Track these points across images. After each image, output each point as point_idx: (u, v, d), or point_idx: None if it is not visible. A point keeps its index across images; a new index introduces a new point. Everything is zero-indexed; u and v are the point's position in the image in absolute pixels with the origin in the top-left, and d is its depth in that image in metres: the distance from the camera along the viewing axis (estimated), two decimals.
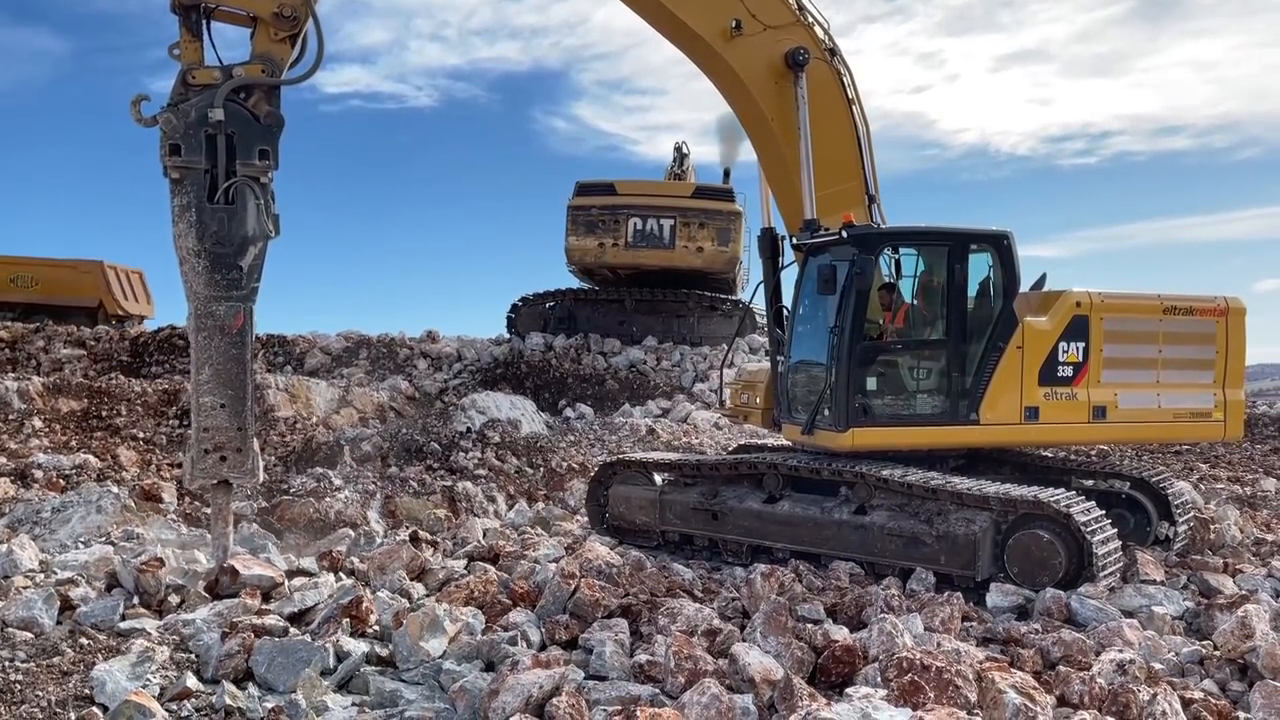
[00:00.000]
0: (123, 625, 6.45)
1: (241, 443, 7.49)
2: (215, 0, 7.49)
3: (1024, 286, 9.10)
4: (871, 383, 8.69)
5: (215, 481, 7.58)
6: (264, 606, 6.69)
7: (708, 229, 23.66)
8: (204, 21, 7.53)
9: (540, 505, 11.80)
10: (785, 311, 9.93)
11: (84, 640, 6.10)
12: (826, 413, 8.71)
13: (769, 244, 10.11)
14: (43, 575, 7.48)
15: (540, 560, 8.05)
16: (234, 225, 7.38)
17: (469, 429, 15.95)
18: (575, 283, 27.43)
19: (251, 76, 7.49)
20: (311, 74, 7.77)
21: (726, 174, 27.87)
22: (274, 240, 7.63)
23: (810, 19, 9.85)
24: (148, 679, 5.39)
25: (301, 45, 7.78)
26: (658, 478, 9.86)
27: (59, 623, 6.45)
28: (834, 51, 9.92)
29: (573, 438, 16.93)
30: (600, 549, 7.90)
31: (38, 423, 15.32)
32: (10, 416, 15.51)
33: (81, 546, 8.58)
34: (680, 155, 28.25)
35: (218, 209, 7.35)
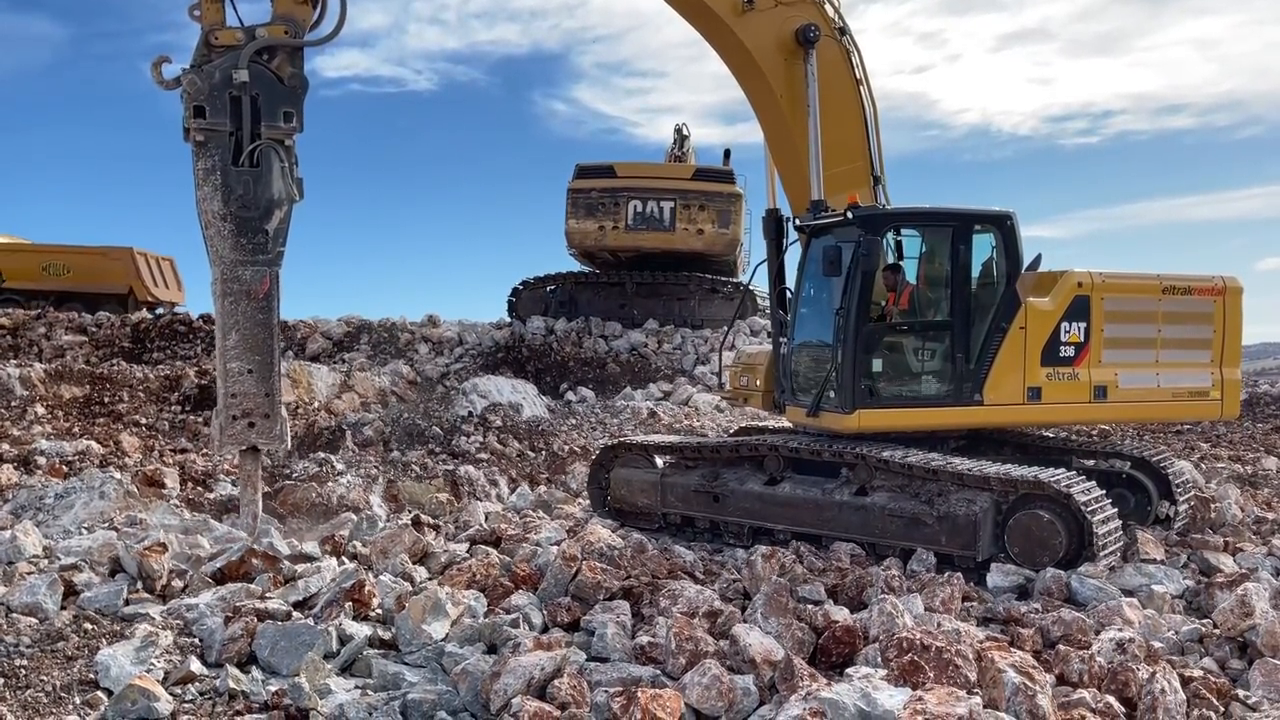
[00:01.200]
0: (126, 610, 6.49)
1: (270, 408, 7.41)
2: None
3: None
4: (877, 364, 8.69)
5: (243, 448, 7.51)
6: (267, 592, 6.72)
7: (708, 211, 23.56)
8: None
9: (542, 489, 11.83)
10: (788, 293, 9.91)
11: (88, 625, 6.13)
12: (832, 394, 8.71)
13: (773, 225, 10.08)
14: (46, 561, 7.50)
15: (542, 543, 8.08)
16: (259, 188, 7.27)
17: (470, 413, 15.96)
18: (576, 266, 27.36)
19: (275, 37, 7.37)
20: (335, 35, 7.64)
21: (727, 155, 27.74)
22: (297, 204, 7.54)
23: None
24: (152, 663, 5.42)
25: (322, 7, 7.71)
26: (659, 460, 9.87)
27: (63, 608, 6.48)
28: (844, 30, 9.87)
29: (574, 421, 16.95)
30: (602, 531, 7.92)
31: (40, 409, 15.34)
32: (13, 403, 15.53)
33: (84, 532, 8.60)
34: (680, 137, 28.11)
35: (243, 172, 7.24)
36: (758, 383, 10.30)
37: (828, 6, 9.80)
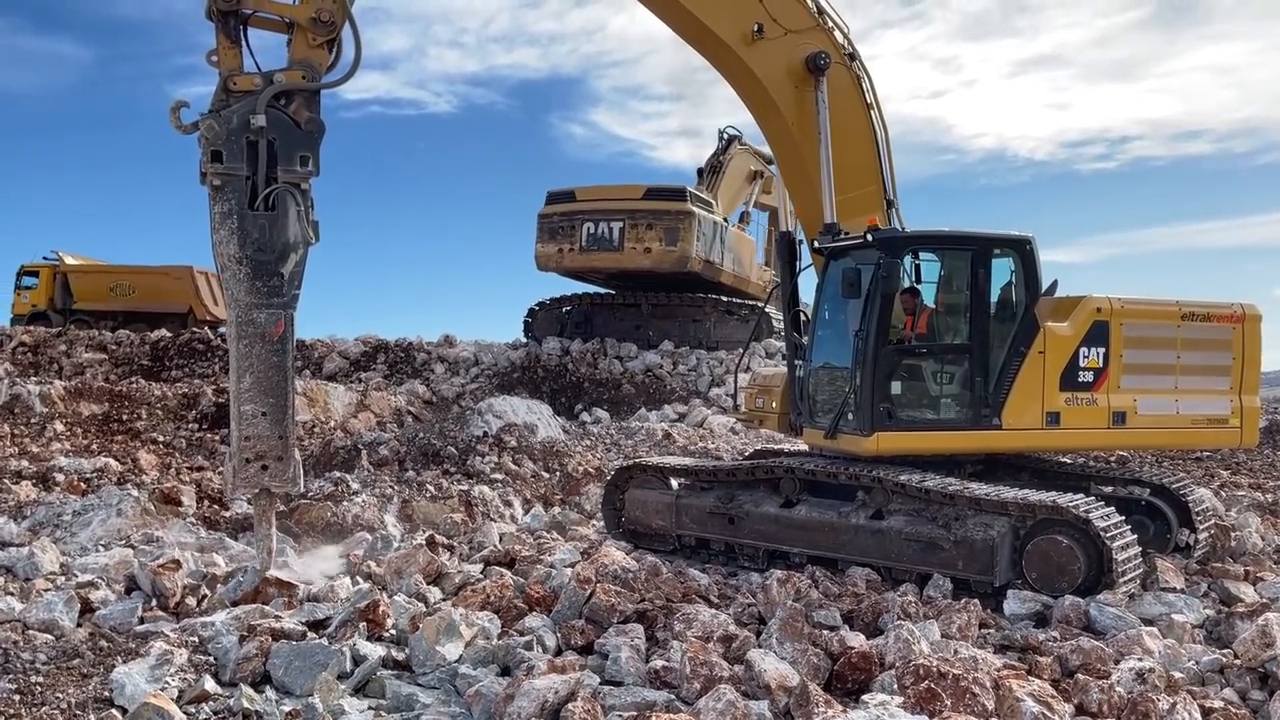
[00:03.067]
0: (141, 628, 6.51)
1: (283, 451, 7.41)
2: (252, 6, 7.49)
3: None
4: (896, 387, 8.67)
5: (257, 491, 7.54)
6: (280, 612, 6.73)
7: (655, 229, 23.64)
8: (241, 27, 7.51)
9: (556, 510, 11.81)
10: (803, 316, 9.90)
11: (103, 642, 6.16)
12: (850, 417, 8.69)
13: (786, 249, 10.10)
14: (63, 578, 7.55)
15: (556, 565, 8.06)
16: (275, 232, 7.32)
17: (485, 433, 15.97)
18: (592, 287, 27.47)
19: (292, 82, 7.45)
20: (350, 77, 7.71)
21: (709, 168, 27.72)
22: (313, 246, 7.61)
23: (830, 23, 9.84)
24: (166, 681, 5.43)
25: (337, 50, 7.80)
26: (674, 482, 9.85)
27: (79, 625, 6.51)
28: (854, 56, 9.90)
29: (589, 442, 16.94)
30: (616, 553, 7.89)
31: (59, 426, 15.46)
32: (32, 420, 15.66)
33: (101, 549, 8.65)
34: (728, 141, 27.36)
35: (259, 216, 7.30)
36: (773, 405, 10.28)
37: (837, 33, 9.84)
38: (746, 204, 29.00)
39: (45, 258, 33.89)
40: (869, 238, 8.64)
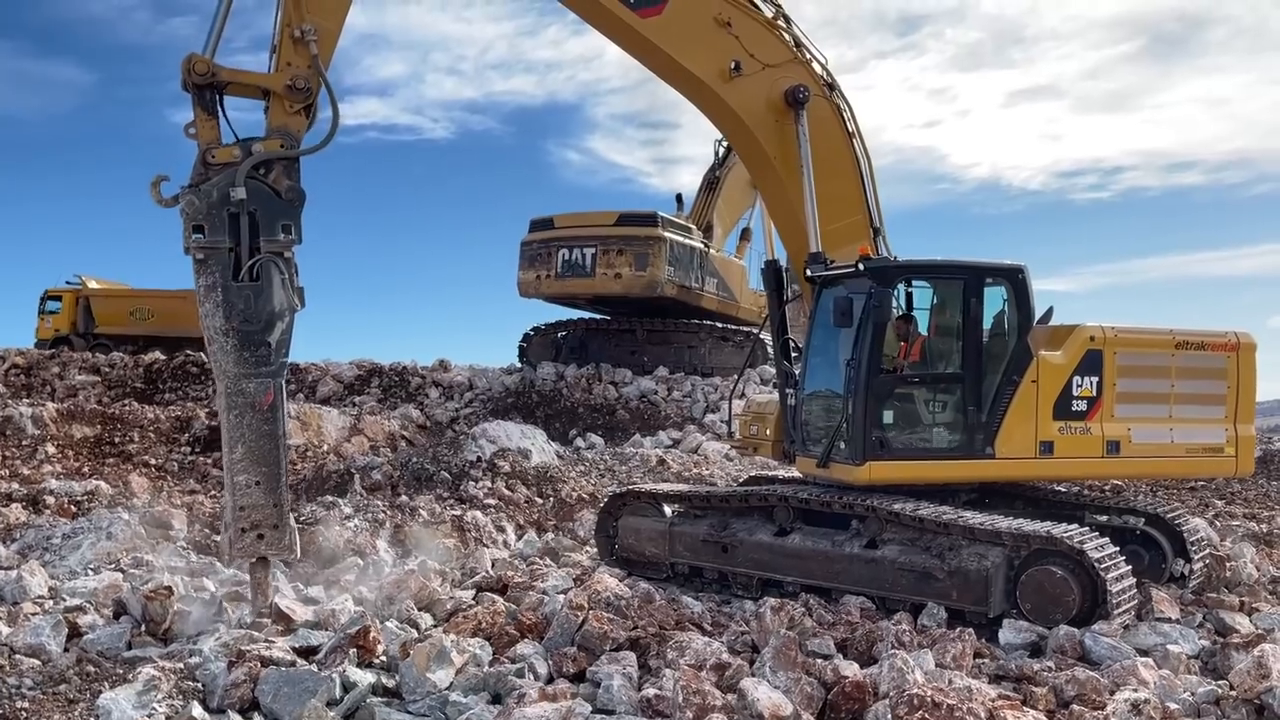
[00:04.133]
0: (128, 653, 6.45)
1: (278, 519, 7.40)
2: (227, 78, 7.51)
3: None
4: (888, 416, 8.66)
5: (253, 559, 7.52)
6: (271, 639, 6.68)
7: (625, 255, 23.84)
8: (218, 98, 7.55)
9: (549, 535, 11.76)
10: (792, 344, 9.90)
11: (90, 668, 6.10)
12: (843, 445, 8.68)
13: (773, 277, 10.11)
14: (51, 602, 7.49)
15: (549, 591, 8.02)
16: (260, 302, 7.33)
17: (479, 458, 15.92)
18: (588, 313, 27.53)
19: (271, 151, 7.48)
20: (328, 142, 7.72)
21: (679, 200, 27.93)
22: (299, 312, 7.60)
23: (808, 55, 9.89)
24: (153, 708, 5.38)
25: (313, 112, 7.81)
26: (667, 509, 9.81)
27: (66, 650, 6.45)
28: (833, 86, 9.96)
29: (583, 468, 16.89)
30: (609, 581, 7.85)
31: (51, 448, 15.38)
32: (24, 442, 15.59)
33: (91, 573, 8.59)
34: (726, 150, 27.34)
35: (244, 287, 7.30)
36: (767, 432, 10.26)
37: (815, 65, 9.89)
38: (750, 214, 28.87)
39: (68, 282, 33.80)
40: (860, 267, 8.67)
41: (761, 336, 20.99)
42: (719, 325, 26.74)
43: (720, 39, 9.50)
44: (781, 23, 9.87)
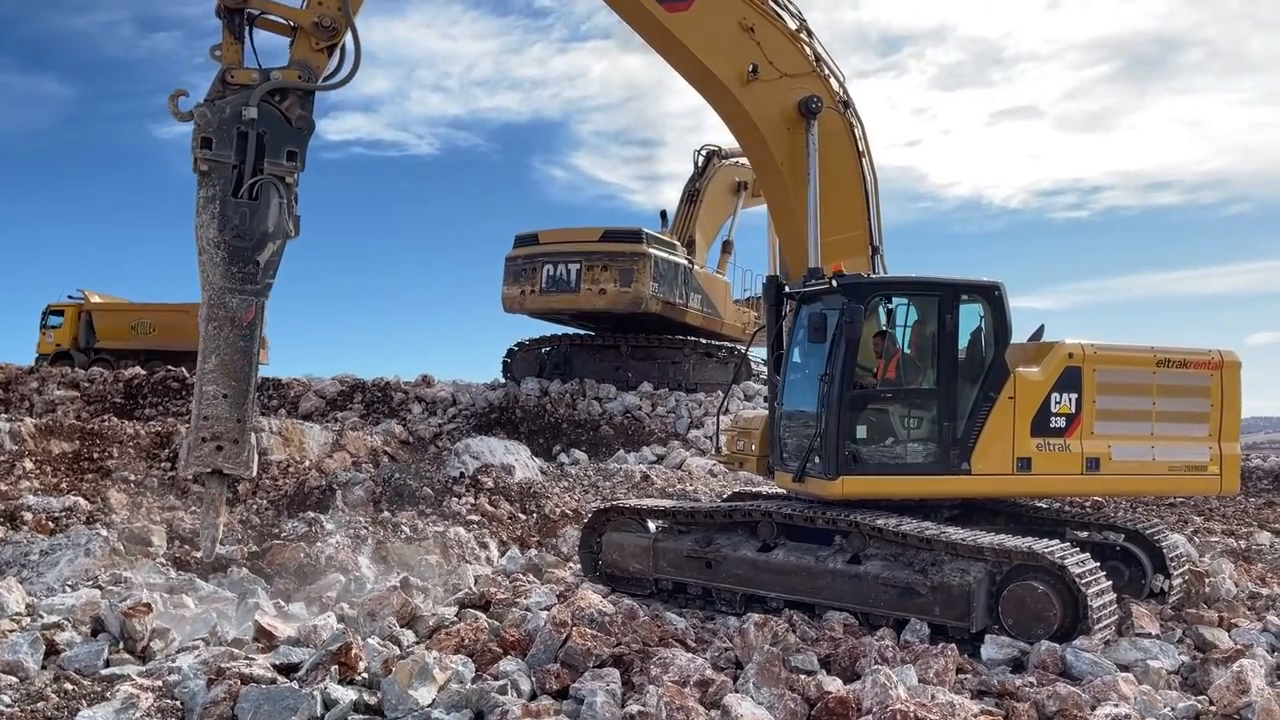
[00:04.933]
0: (106, 671, 6.38)
1: (239, 434, 7.53)
2: (259, 6, 7.75)
3: (1022, 337, 9.16)
4: (861, 431, 8.69)
5: (209, 470, 7.57)
6: (252, 655, 6.62)
7: (610, 270, 23.97)
8: (247, 26, 7.77)
9: (533, 552, 11.72)
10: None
11: (68, 685, 6.04)
12: (817, 460, 8.71)
13: (773, 292, 10.18)
14: (29, 619, 7.40)
15: (532, 608, 7.99)
16: (255, 220, 7.52)
17: (462, 474, 15.85)
18: (572, 328, 27.54)
19: (288, 81, 7.73)
20: (348, 81, 7.98)
21: (663, 216, 28.03)
22: (291, 240, 7.73)
23: (826, 70, 10.07)
24: None
25: (340, 58, 8.04)
26: (651, 525, 9.81)
27: (44, 667, 6.38)
28: (848, 104, 10.12)
29: (567, 483, 16.86)
30: (593, 597, 7.83)
31: (29, 464, 15.22)
32: (1, 458, 15.42)
33: (69, 590, 8.49)
34: (706, 158, 27.32)
35: (241, 203, 7.50)
36: (753, 447, 10.29)
37: (832, 80, 10.05)
38: (730, 224, 28.87)
39: (70, 296, 33.33)
40: (833, 283, 8.72)
41: (747, 353, 21.06)
42: (703, 341, 26.79)
43: (742, 43, 9.72)
44: (805, 36, 10.07)
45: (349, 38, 8.01)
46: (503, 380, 27.02)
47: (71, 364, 28.76)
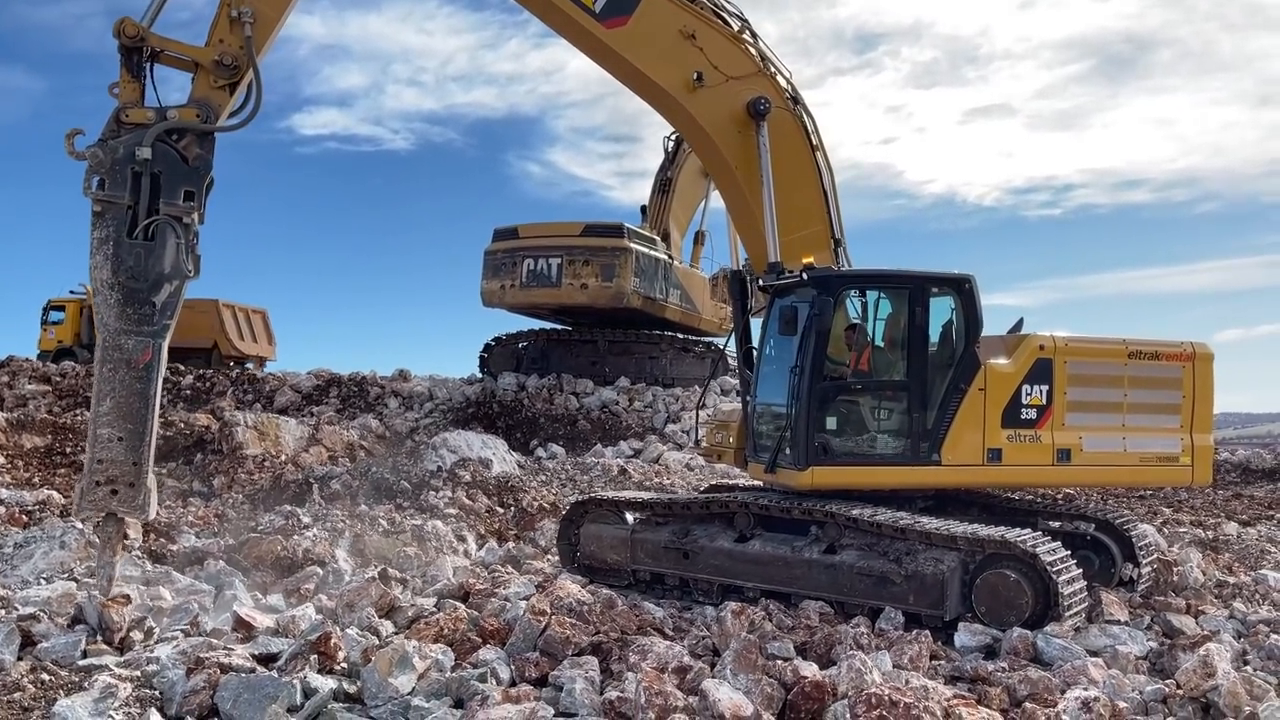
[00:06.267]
0: (84, 662, 6.37)
1: (135, 478, 7.40)
2: (156, 44, 7.63)
3: (1001, 330, 9.26)
4: (831, 422, 8.77)
5: (102, 514, 7.51)
6: (231, 646, 6.62)
7: (592, 265, 24.01)
8: (148, 64, 7.66)
9: (511, 545, 11.74)
10: (755, 352, 10.02)
11: (45, 676, 6.02)
12: (787, 451, 8.78)
13: (737, 286, 10.23)
14: (3, 611, 7.35)
15: (511, 598, 8.01)
16: (151, 261, 7.42)
17: (440, 468, 15.85)
18: (550, 323, 27.52)
19: (185, 120, 7.61)
20: (247, 123, 7.88)
21: (643, 211, 27.92)
22: (191, 280, 7.65)
23: (773, 69, 10.06)
24: (110, 715, 5.33)
25: (247, 93, 7.90)
26: (629, 517, 9.86)
27: (20, 658, 6.35)
28: (796, 100, 10.13)
29: (544, 477, 16.89)
30: (571, 586, 7.87)
31: (0, 459, 15.08)
32: None
33: (44, 583, 8.44)
34: (676, 144, 26.78)
35: (135, 244, 7.40)
36: (731, 440, 10.35)
37: (779, 78, 10.06)
38: (702, 209, 28.84)
39: (72, 291, 32.61)
40: (804, 276, 8.80)
41: (724, 348, 21.17)
42: (680, 336, 26.85)
43: (685, 50, 9.64)
44: (747, 36, 10.04)
45: (252, 75, 7.86)
46: (480, 375, 26.98)
47: (75, 361, 28.26)
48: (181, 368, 25.74)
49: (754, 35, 10.08)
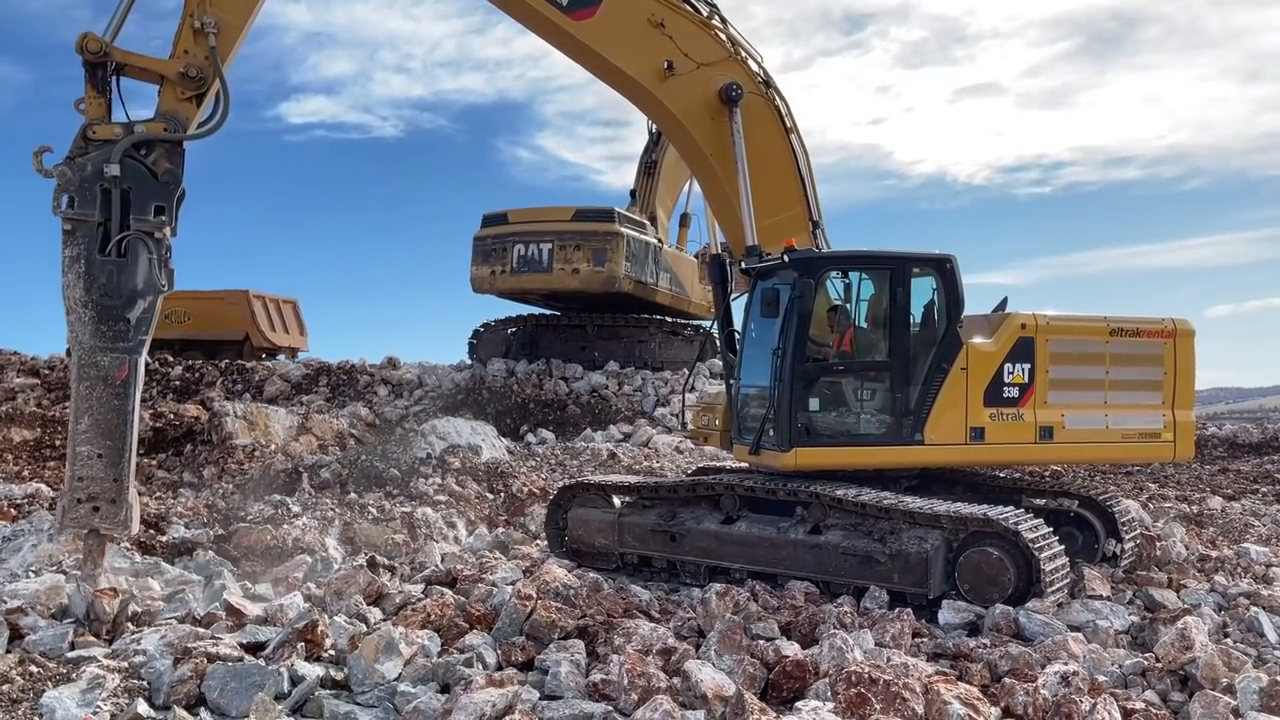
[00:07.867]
0: (72, 653, 6.40)
1: (116, 494, 7.40)
2: (120, 59, 7.58)
3: (986, 309, 9.30)
4: (814, 403, 8.81)
5: (84, 531, 7.51)
6: (219, 635, 6.66)
7: (583, 250, 23.97)
8: (114, 79, 7.62)
9: (500, 530, 11.79)
10: (737, 335, 10.06)
11: (33, 668, 6.04)
12: (771, 433, 8.83)
13: (717, 270, 10.26)
14: None
15: (498, 583, 8.06)
16: (124, 278, 7.39)
17: (429, 455, 15.88)
18: (537, 309, 27.49)
19: (152, 134, 7.57)
20: (213, 132, 7.86)
21: (633, 195, 27.85)
22: (165, 294, 7.63)
23: (743, 54, 10.05)
24: (98, 706, 5.36)
25: (216, 102, 7.86)
26: (616, 500, 9.91)
27: (8, 651, 6.37)
28: (769, 83, 10.12)
29: (534, 463, 16.93)
30: (558, 571, 7.93)
31: None
32: None
33: (32, 575, 8.46)
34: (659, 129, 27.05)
35: (107, 261, 7.37)
36: (717, 422, 10.40)
37: (750, 62, 10.05)
38: (687, 189, 28.74)
39: None
40: (785, 258, 8.83)
41: (712, 331, 21.15)
42: (668, 320, 26.86)
43: (654, 40, 9.63)
44: (716, 22, 10.02)
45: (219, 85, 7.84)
46: (469, 361, 26.96)
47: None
48: (170, 359, 25.65)
49: (723, 21, 10.07)
